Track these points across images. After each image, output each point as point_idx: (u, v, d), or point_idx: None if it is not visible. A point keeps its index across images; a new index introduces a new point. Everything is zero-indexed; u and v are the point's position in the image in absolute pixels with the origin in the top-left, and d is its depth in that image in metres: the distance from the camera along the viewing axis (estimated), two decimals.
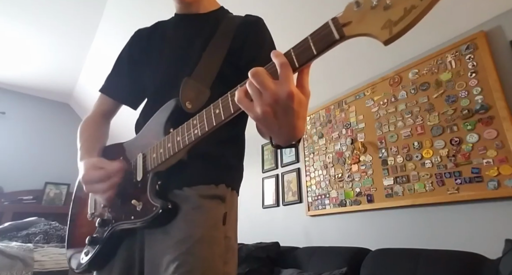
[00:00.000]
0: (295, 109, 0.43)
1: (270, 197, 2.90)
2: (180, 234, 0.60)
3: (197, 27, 0.82)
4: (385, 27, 0.36)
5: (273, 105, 0.43)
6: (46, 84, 4.02)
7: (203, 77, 0.71)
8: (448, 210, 1.65)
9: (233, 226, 0.70)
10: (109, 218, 0.69)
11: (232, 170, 0.74)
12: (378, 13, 0.36)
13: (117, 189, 0.67)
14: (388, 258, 1.58)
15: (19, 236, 2.56)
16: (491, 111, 1.55)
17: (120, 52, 0.91)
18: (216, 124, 0.52)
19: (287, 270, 1.94)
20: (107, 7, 2.64)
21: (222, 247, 0.63)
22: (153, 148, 0.65)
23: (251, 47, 0.76)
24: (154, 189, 0.63)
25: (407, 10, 0.34)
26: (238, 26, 0.78)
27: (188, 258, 0.58)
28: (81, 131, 0.82)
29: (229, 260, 0.63)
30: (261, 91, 0.43)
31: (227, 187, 0.69)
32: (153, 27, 0.90)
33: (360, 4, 0.38)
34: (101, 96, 0.88)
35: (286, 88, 0.42)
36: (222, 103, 0.51)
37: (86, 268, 0.70)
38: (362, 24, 0.38)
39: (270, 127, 0.46)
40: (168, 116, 0.66)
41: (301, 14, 1.99)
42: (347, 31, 0.39)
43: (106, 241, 0.68)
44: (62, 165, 4.19)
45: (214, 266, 0.59)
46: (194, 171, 0.66)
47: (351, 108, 2.34)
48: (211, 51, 0.74)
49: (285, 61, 0.43)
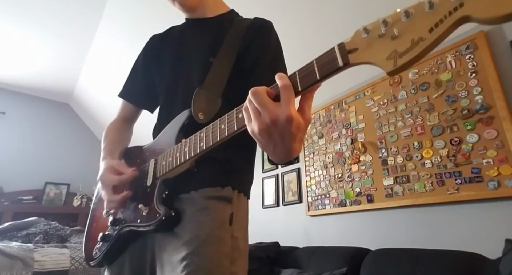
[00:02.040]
0: (293, 133, 0.43)
1: (270, 197, 2.90)
2: (187, 235, 0.62)
3: (205, 32, 0.83)
4: (390, 58, 0.35)
5: (270, 126, 0.43)
6: (46, 84, 4.02)
7: (214, 86, 0.72)
8: (448, 210, 1.65)
9: (242, 227, 0.70)
10: (121, 218, 0.73)
11: (239, 173, 0.75)
12: (385, 42, 0.36)
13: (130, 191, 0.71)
14: (388, 258, 1.58)
15: (19, 236, 2.56)
16: (491, 111, 1.55)
17: (137, 58, 0.95)
18: (221, 139, 0.54)
19: (287, 270, 1.94)
20: (107, 7, 2.64)
21: (228, 246, 0.64)
22: (164, 156, 0.69)
23: (256, 50, 0.76)
24: (160, 195, 0.66)
25: (414, 42, 0.33)
26: (246, 30, 0.79)
27: (195, 258, 0.59)
28: (105, 134, 0.88)
29: (236, 259, 0.64)
30: (260, 110, 0.43)
31: (233, 189, 0.70)
32: (166, 33, 0.93)
33: (368, 31, 0.37)
34: (122, 102, 0.94)
35: (286, 111, 0.42)
36: (228, 119, 0.53)
37: (99, 262, 0.75)
38: (368, 52, 0.37)
39: (265, 145, 0.47)
40: (180, 127, 0.70)
41: (302, 18, 1.99)
42: (352, 58, 0.38)
43: (116, 240, 0.71)
44: (62, 165, 4.19)
45: (220, 265, 0.61)
46: (201, 176, 0.67)
47: (351, 108, 2.34)
48: (221, 58, 0.76)
49: (287, 84, 0.43)
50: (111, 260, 0.74)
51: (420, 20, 0.33)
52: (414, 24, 0.33)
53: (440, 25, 0.31)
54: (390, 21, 0.35)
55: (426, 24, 0.32)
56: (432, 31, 0.32)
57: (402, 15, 0.34)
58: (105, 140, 0.86)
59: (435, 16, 0.32)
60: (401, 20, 0.34)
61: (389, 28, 0.35)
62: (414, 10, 0.34)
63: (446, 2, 0.31)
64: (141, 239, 0.71)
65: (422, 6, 0.33)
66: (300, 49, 2.23)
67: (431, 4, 0.32)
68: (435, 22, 0.32)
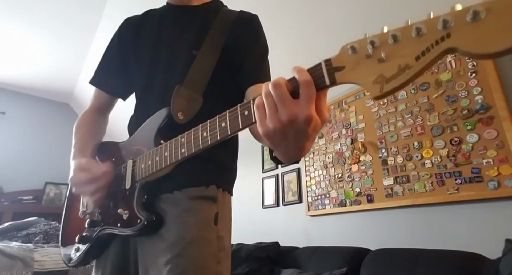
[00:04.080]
0: (309, 133, 0.40)
1: (270, 197, 2.90)
2: (172, 237, 0.60)
3: (189, 21, 0.79)
4: (377, 82, 0.34)
5: (287, 126, 0.39)
6: (46, 84, 4.02)
7: (196, 83, 0.69)
8: (448, 210, 1.65)
9: (227, 226, 0.69)
10: (99, 220, 0.70)
11: (223, 171, 0.73)
12: (372, 65, 0.35)
13: (106, 192, 0.68)
14: (388, 258, 1.58)
15: (19, 236, 2.56)
16: (491, 111, 1.55)
17: (109, 42, 0.87)
18: (203, 148, 0.51)
19: (287, 270, 1.94)
20: (107, 7, 2.64)
21: (214, 247, 0.63)
22: (142, 158, 0.65)
23: (245, 45, 0.74)
24: (141, 200, 0.64)
25: (400, 68, 0.32)
26: (232, 22, 0.76)
27: (180, 261, 0.57)
28: (76, 128, 0.81)
29: (222, 259, 0.63)
30: (278, 107, 0.39)
31: (217, 188, 0.69)
32: (143, 17, 0.86)
33: (355, 50, 0.36)
34: (95, 90, 0.86)
35: (306, 111, 0.37)
36: (210, 127, 0.50)
37: (77, 263, 0.73)
38: (355, 73, 0.36)
39: (276, 145, 0.43)
40: (158, 127, 0.65)
41: (302, 18, 1.99)
42: (339, 77, 0.37)
43: (94, 241, 0.69)
44: (62, 165, 4.18)
45: (206, 266, 0.59)
46: (184, 175, 0.65)
47: (351, 108, 2.34)
48: (205, 52, 0.72)
49: (309, 79, 0.38)
50: (93, 259, 0.73)
51: (406, 45, 0.33)
52: (400, 49, 0.33)
53: (426, 54, 0.31)
54: (377, 42, 0.34)
55: (413, 51, 0.32)
56: (418, 59, 0.31)
57: (389, 37, 0.33)
58: (76, 135, 0.79)
59: (422, 44, 0.31)
60: (388, 42, 0.34)
61: (376, 50, 0.34)
62: (401, 34, 0.33)
63: (433, 30, 0.31)
64: (121, 241, 0.69)
65: (409, 31, 0.32)
66: (300, 49, 2.23)
67: (418, 30, 0.32)
68: (422, 50, 0.31)
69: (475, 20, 0.29)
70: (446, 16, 0.30)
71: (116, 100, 0.89)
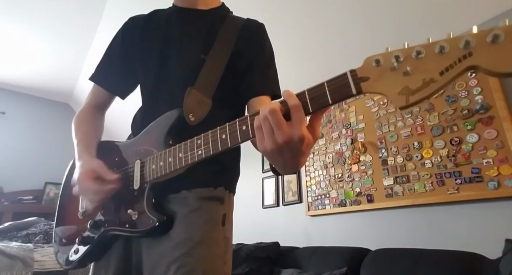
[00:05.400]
0: (303, 150, 0.44)
1: (270, 197, 2.89)
2: (180, 236, 0.60)
3: (197, 25, 0.79)
4: (403, 94, 0.36)
5: (282, 146, 0.43)
6: (46, 84, 4.02)
7: (206, 86, 0.70)
8: (448, 210, 1.65)
9: (231, 227, 0.70)
10: (102, 221, 0.69)
11: (229, 172, 0.74)
12: (397, 77, 0.37)
13: (111, 194, 0.66)
14: (388, 258, 1.58)
15: (19, 236, 2.56)
16: (491, 111, 1.55)
17: (112, 40, 0.86)
18: (222, 150, 0.53)
19: (287, 270, 1.94)
20: (107, 7, 2.64)
21: (222, 247, 0.63)
22: (153, 159, 0.64)
23: (252, 52, 0.75)
24: (151, 201, 0.63)
25: (425, 82, 0.35)
26: (239, 30, 0.77)
27: (189, 259, 0.58)
28: (76, 125, 0.79)
29: (228, 260, 0.64)
30: (274, 130, 0.43)
31: (225, 189, 0.70)
32: (148, 17, 0.85)
33: (379, 62, 0.38)
34: (93, 87, 0.85)
35: (298, 132, 0.42)
36: (230, 129, 0.51)
37: (76, 265, 0.71)
38: (380, 84, 0.38)
39: (274, 160, 0.48)
40: (169, 127, 0.65)
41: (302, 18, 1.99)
42: (365, 87, 0.39)
43: (97, 243, 0.68)
44: (62, 165, 4.15)
45: (214, 267, 0.60)
46: (193, 175, 0.65)
47: (351, 108, 2.34)
48: (214, 56, 0.72)
49: (297, 104, 0.43)
50: (91, 261, 0.71)
51: (430, 61, 0.35)
52: (425, 64, 0.36)
53: (450, 70, 0.34)
54: (402, 56, 0.37)
55: (437, 67, 0.35)
56: (442, 74, 0.34)
57: (414, 52, 0.36)
58: (77, 132, 0.78)
59: (445, 61, 0.34)
60: (411, 57, 0.36)
61: (401, 64, 0.37)
62: (425, 51, 0.36)
63: (456, 49, 0.34)
64: (124, 242, 0.68)
65: (433, 48, 0.35)
66: (300, 49, 2.23)
67: (441, 48, 0.34)
68: (446, 66, 0.34)
69: (495, 42, 0.32)
70: (468, 37, 0.33)
71: (114, 99, 0.88)
